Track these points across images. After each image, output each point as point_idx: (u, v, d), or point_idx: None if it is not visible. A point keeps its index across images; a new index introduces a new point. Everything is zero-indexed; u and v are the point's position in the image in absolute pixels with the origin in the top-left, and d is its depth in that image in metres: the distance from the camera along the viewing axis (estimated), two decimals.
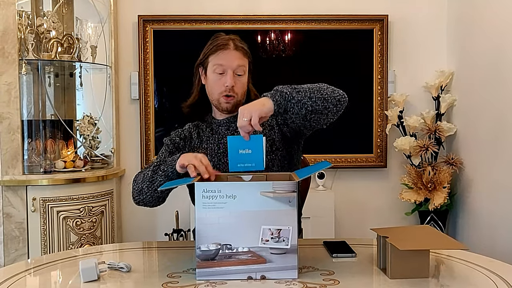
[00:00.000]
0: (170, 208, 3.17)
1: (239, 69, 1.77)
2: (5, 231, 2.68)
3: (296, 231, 1.36)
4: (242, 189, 1.36)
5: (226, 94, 1.76)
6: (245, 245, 1.36)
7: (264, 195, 1.35)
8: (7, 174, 2.67)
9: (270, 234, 1.35)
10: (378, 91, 3.23)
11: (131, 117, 3.26)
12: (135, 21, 3.20)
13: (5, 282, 1.39)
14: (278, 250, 1.36)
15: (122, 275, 1.44)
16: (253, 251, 1.36)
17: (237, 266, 1.36)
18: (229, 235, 1.35)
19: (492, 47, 2.70)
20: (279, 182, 1.36)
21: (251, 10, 3.22)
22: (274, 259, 1.36)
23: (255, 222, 1.35)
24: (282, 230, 1.35)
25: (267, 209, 1.35)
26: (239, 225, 1.35)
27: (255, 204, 1.35)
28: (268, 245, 1.36)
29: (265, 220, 1.35)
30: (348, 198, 3.29)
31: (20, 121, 2.69)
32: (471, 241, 2.93)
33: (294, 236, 1.35)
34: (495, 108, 2.65)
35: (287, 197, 1.35)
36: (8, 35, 2.64)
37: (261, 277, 1.36)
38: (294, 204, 1.35)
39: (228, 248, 1.36)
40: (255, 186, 1.36)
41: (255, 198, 1.35)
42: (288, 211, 1.35)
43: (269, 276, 1.36)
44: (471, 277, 1.43)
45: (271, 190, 1.35)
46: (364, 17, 3.21)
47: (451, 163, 3.01)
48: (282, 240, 1.35)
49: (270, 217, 1.35)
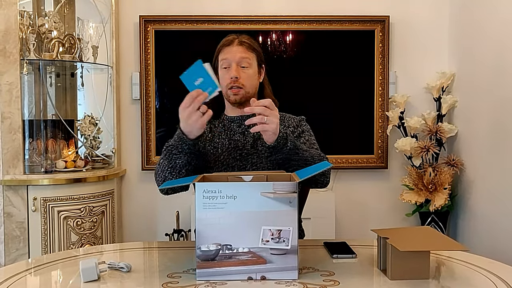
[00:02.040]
0: (170, 208, 3.18)
1: (243, 62, 1.81)
2: (6, 230, 2.68)
3: (296, 231, 1.36)
4: (242, 190, 1.36)
5: (232, 86, 1.80)
6: (245, 245, 1.36)
7: (265, 195, 1.35)
8: (8, 173, 2.67)
9: (271, 235, 1.35)
10: (379, 92, 3.23)
11: (132, 117, 3.26)
12: (136, 22, 3.20)
13: (6, 282, 1.39)
14: (278, 251, 1.36)
15: (122, 275, 1.44)
16: (253, 252, 1.36)
17: (237, 267, 1.36)
18: (230, 235, 1.35)
19: (494, 48, 2.69)
20: (280, 183, 1.36)
21: (252, 11, 3.22)
22: (275, 259, 1.36)
23: (255, 222, 1.35)
24: (282, 230, 1.35)
25: (267, 209, 1.35)
26: (239, 226, 1.35)
27: (255, 205, 1.35)
28: (268, 245, 1.36)
29: (265, 221, 1.35)
30: (349, 199, 3.29)
31: (21, 121, 2.70)
32: (471, 242, 2.93)
33: (294, 237, 1.35)
34: (496, 109, 2.65)
35: (287, 197, 1.35)
36: (9, 35, 2.65)
37: (261, 278, 1.36)
38: (295, 204, 1.35)
39: (228, 249, 1.36)
40: (255, 187, 1.36)
41: (256, 198, 1.35)
42: (288, 211, 1.35)
43: (269, 277, 1.36)
44: (471, 278, 1.43)
45: (271, 191, 1.35)
46: (366, 18, 3.21)
47: (452, 164, 3.01)
48: (282, 240, 1.35)
49: (271, 217, 1.35)
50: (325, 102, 3.23)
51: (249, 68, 1.82)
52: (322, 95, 3.23)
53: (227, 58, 1.81)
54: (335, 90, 3.21)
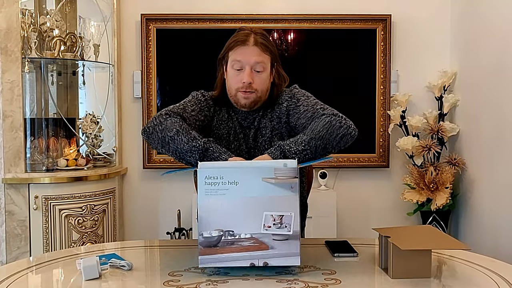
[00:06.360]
0: (172, 207, 3.18)
1: (257, 66, 1.72)
2: (7, 229, 2.68)
3: (298, 217, 1.35)
4: (244, 175, 1.35)
5: (244, 90, 1.73)
6: (247, 231, 1.35)
7: (266, 181, 1.35)
8: (9, 172, 2.67)
9: (272, 220, 1.35)
10: (380, 91, 3.23)
11: (133, 116, 3.26)
12: (138, 20, 3.20)
13: (7, 280, 1.39)
14: (281, 236, 1.35)
15: (123, 273, 1.45)
16: (256, 238, 1.35)
17: (240, 253, 1.35)
18: (232, 221, 1.35)
19: (496, 47, 2.69)
20: (281, 168, 1.35)
21: (254, 9, 3.22)
22: (277, 245, 1.35)
23: (257, 208, 1.35)
24: (284, 216, 1.35)
25: (269, 195, 1.34)
26: (241, 212, 1.35)
27: (257, 190, 1.35)
28: (270, 231, 1.35)
29: (267, 206, 1.35)
30: (350, 197, 3.29)
31: (23, 119, 2.70)
32: (473, 241, 2.92)
33: (296, 222, 1.35)
34: (498, 108, 2.65)
35: (289, 183, 1.34)
36: (11, 33, 2.65)
37: (264, 264, 1.36)
38: (296, 190, 1.34)
39: (231, 235, 1.35)
40: (257, 172, 1.35)
41: (257, 184, 1.35)
42: (290, 197, 1.34)
43: (271, 263, 1.35)
44: (473, 277, 1.43)
45: (273, 176, 1.35)
46: (367, 16, 3.20)
47: (453, 163, 3.01)
48: (284, 226, 1.35)
49: (272, 203, 1.35)
50: (326, 100, 3.20)
51: (263, 72, 1.74)
52: (323, 94, 3.21)
53: (240, 61, 1.72)
54: (336, 89, 3.21)
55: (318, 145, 1.57)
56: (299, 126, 1.73)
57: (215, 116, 1.83)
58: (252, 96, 1.74)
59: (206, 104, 1.82)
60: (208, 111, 1.82)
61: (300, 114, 1.74)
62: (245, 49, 1.72)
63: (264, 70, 1.75)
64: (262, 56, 1.73)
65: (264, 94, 1.79)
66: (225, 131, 1.81)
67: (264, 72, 1.75)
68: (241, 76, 1.72)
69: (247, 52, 1.72)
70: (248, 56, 1.72)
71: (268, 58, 1.76)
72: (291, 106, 1.79)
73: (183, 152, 1.58)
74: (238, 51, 1.73)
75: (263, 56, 1.74)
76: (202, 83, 1.97)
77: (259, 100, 1.77)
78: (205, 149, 1.55)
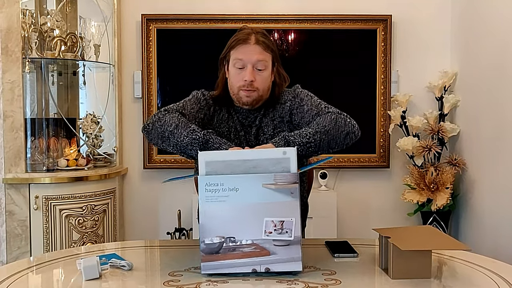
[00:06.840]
0: (172, 207, 3.18)
1: (259, 64, 1.74)
2: (8, 229, 2.68)
3: (299, 222, 1.35)
4: (244, 182, 1.35)
5: (246, 88, 1.74)
6: (248, 237, 1.35)
7: (266, 187, 1.35)
8: (10, 172, 2.68)
9: (273, 226, 1.35)
10: (381, 91, 3.23)
11: (134, 116, 3.26)
12: (138, 20, 3.20)
13: (7, 280, 1.39)
14: (282, 242, 1.35)
15: (124, 273, 1.45)
16: (257, 244, 1.35)
17: (242, 259, 1.35)
18: (233, 228, 1.35)
19: (496, 47, 2.69)
20: (281, 174, 1.36)
21: (254, 10, 3.22)
22: (278, 251, 1.35)
23: (258, 214, 1.35)
24: (285, 221, 1.35)
25: (269, 201, 1.34)
26: (242, 218, 1.35)
27: (257, 196, 1.35)
28: (271, 237, 1.35)
29: (268, 212, 1.35)
30: (351, 198, 3.29)
31: (23, 119, 2.70)
32: (473, 242, 2.92)
33: (297, 228, 1.35)
34: (499, 109, 2.65)
35: (289, 188, 1.34)
36: (12, 33, 2.65)
37: (266, 270, 1.36)
38: (297, 195, 1.35)
39: (232, 241, 1.35)
40: (257, 179, 1.35)
41: (258, 190, 1.35)
42: (290, 202, 1.35)
43: (273, 269, 1.36)
44: (473, 278, 1.43)
45: (273, 182, 1.35)
46: (368, 17, 3.20)
47: (454, 163, 3.01)
48: (285, 231, 1.35)
49: (273, 209, 1.35)
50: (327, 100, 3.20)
51: (265, 71, 1.76)
52: (324, 94, 3.20)
53: (242, 59, 1.73)
54: (337, 89, 3.20)
55: (322, 139, 1.58)
56: (303, 124, 1.74)
57: (215, 116, 1.85)
58: (254, 94, 1.76)
59: (206, 103, 1.83)
60: (208, 110, 1.83)
61: (304, 113, 1.76)
62: (247, 47, 1.74)
63: (265, 69, 1.76)
64: (263, 54, 1.75)
65: (266, 92, 1.80)
66: (226, 129, 1.82)
67: (265, 71, 1.76)
68: (243, 74, 1.74)
69: (249, 51, 1.74)
70: (250, 55, 1.73)
71: (270, 56, 1.78)
72: (294, 106, 1.80)
73: (184, 145, 1.59)
74: (239, 50, 1.75)
75: (265, 54, 1.76)
76: (202, 83, 1.97)
77: (260, 99, 1.79)
78: (205, 140, 1.56)
